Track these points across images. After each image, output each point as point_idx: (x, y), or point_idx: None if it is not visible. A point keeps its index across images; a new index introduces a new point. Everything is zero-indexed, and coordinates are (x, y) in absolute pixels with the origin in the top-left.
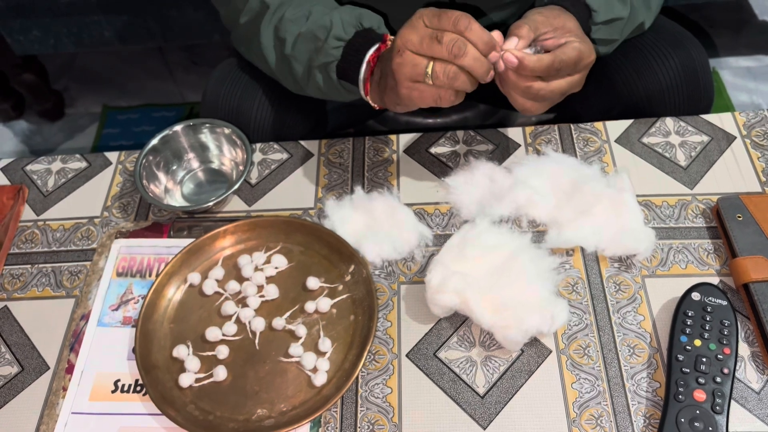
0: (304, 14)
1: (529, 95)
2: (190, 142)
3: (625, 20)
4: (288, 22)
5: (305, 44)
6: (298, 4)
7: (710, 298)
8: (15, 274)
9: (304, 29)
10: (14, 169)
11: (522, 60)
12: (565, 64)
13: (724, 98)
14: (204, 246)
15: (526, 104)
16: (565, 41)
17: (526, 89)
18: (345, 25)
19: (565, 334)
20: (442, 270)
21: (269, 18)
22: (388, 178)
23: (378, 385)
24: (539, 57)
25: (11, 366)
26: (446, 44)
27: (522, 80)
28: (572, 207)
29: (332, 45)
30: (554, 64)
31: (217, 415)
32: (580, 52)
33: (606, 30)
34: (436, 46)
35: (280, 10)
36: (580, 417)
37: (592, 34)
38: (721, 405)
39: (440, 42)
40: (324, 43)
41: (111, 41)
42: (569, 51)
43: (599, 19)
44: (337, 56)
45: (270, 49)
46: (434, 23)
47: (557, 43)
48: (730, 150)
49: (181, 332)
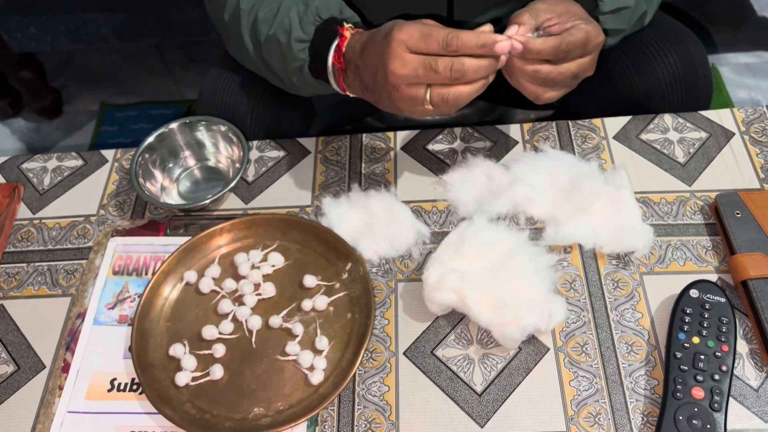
0: (273, 12)
1: (538, 80)
2: (187, 139)
3: (632, 9)
4: (261, 23)
5: (273, 48)
6: (270, 1)
7: (708, 295)
8: (11, 273)
9: (270, 31)
10: (10, 167)
11: (526, 43)
12: (573, 45)
13: (724, 94)
14: (200, 244)
15: (537, 91)
16: (572, 24)
17: (534, 73)
18: (303, 24)
19: (563, 331)
20: (439, 268)
21: (246, 19)
22: (386, 176)
23: (375, 383)
24: (544, 39)
25: (7, 365)
26: (443, 71)
27: (529, 65)
28: (570, 204)
29: (296, 48)
30: (561, 46)
31: (213, 413)
32: (588, 32)
33: (613, 19)
34: (433, 75)
35: (254, 10)
36: (578, 415)
37: (600, 24)
38: (719, 402)
39: (437, 71)
40: (287, 47)
41: (109, 38)
42: (576, 32)
43: (606, 8)
44: (305, 58)
45: (252, 50)
46: (421, 47)
47: (563, 27)
48: (729, 146)
49: (178, 331)
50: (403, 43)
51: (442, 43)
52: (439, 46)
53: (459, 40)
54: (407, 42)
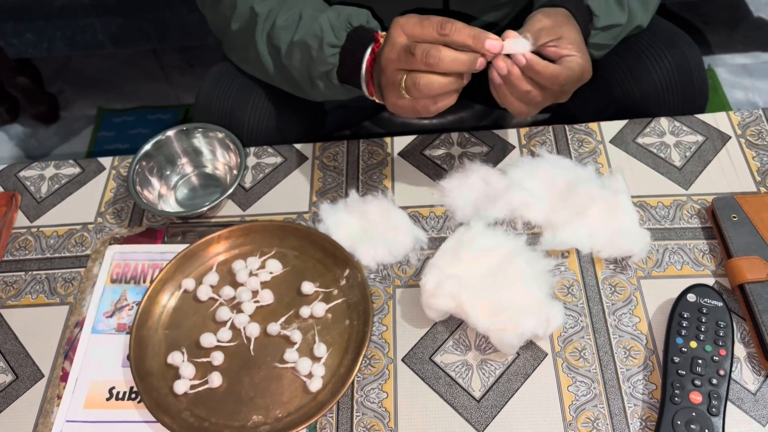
0: (294, 20)
1: (524, 99)
2: (183, 146)
3: (623, 27)
4: (280, 30)
5: (299, 53)
6: (288, 8)
7: (706, 299)
8: (8, 282)
9: (296, 37)
10: (7, 176)
11: (530, 61)
12: (569, 79)
13: (720, 96)
14: (198, 251)
15: (521, 108)
16: (567, 54)
17: (524, 94)
18: (336, 30)
19: (561, 336)
20: (437, 273)
21: (262, 25)
22: (383, 181)
23: (374, 390)
24: (546, 64)
25: (5, 374)
26: (418, 56)
27: (523, 84)
28: (567, 209)
29: (328, 53)
30: (560, 77)
31: (212, 421)
32: (583, 69)
33: (603, 36)
34: (410, 59)
35: (271, 16)
36: (577, 420)
37: (590, 38)
38: (717, 407)
39: (413, 54)
40: (318, 51)
41: (105, 44)
42: (575, 66)
43: (599, 24)
44: (335, 63)
45: (267, 57)
46: (416, 32)
47: (558, 53)
48: (725, 150)
49: (176, 339)
50: (399, 26)
51: (437, 26)
52: (433, 30)
53: (453, 26)
54: (404, 26)
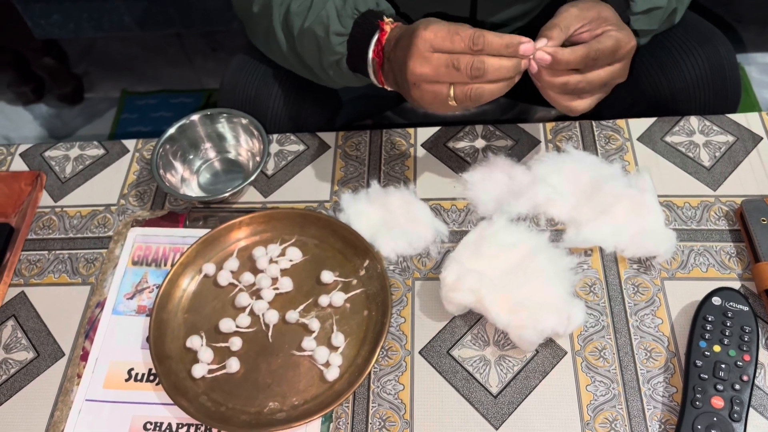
0: (306, 5)
1: (567, 90)
2: (207, 131)
3: (664, 9)
4: (293, 16)
5: (309, 41)
6: None
7: (731, 303)
8: (32, 260)
9: (306, 24)
10: (33, 155)
11: (555, 54)
12: (602, 53)
13: (750, 96)
14: (219, 237)
15: (570, 103)
16: (602, 31)
17: (563, 85)
18: (342, 18)
19: (581, 335)
20: (457, 267)
21: (278, 10)
22: (405, 172)
23: (390, 381)
24: (572, 48)
25: (27, 351)
26: (464, 70)
27: (557, 76)
28: (592, 206)
29: (335, 42)
30: (590, 54)
31: (229, 406)
32: (617, 40)
33: (645, 20)
34: (455, 74)
35: (286, 1)
36: (594, 420)
37: (631, 25)
38: (739, 413)
39: (458, 69)
40: (325, 40)
41: (130, 27)
42: (605, 39)
43: (638, 9)
44: (344, 52)
45: (284, 43)
46: (446, 46)
47: (593, 34)
48: (756, 151)
49: (195, 323)
50: (428, 41)
51: (468, 41)
52: (465, 45)
53: (485, 39)
54: (433, 41)
